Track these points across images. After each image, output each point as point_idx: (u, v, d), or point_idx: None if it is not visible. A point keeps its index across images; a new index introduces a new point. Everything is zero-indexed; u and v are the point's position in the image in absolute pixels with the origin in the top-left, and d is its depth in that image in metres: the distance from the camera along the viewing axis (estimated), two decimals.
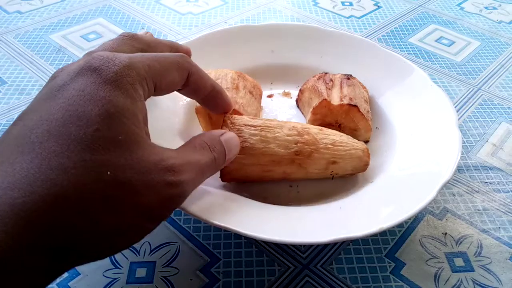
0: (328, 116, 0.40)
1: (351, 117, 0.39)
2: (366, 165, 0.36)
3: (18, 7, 0.64)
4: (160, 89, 0.25)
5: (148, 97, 0.25)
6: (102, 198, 0.20)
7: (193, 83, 0.28)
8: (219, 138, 0.28)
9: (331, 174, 0.35)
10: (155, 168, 0.22)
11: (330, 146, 0.34)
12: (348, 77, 0.42)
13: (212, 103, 0.31)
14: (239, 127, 0.33)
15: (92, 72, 0.22)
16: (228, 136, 0.29)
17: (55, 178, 0.19)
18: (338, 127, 0.40)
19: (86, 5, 0.65)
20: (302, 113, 0.44)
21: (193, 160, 0.25)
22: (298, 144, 0.33)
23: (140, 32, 0.30)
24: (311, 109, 0.41)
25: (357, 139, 0.37)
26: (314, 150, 0.34)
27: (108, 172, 0.20)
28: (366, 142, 0.40)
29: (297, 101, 0.44)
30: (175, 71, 0.26)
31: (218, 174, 0.34)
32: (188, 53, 0.31)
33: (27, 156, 0.19)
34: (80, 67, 0.22)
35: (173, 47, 0.30)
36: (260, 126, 0.33)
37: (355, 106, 0.38)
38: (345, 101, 0.39)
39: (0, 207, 0.18)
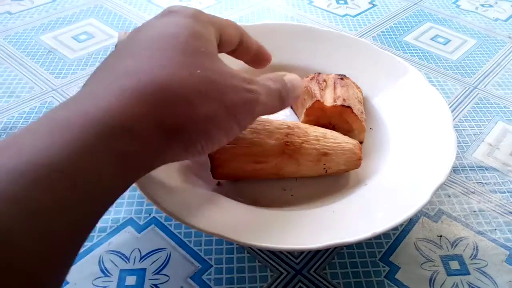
0: (322, 118, 0.39)
1: (345, 118, 0.38)
2: (359, 159, 0.35)
3: (8, 7, 0.63)
4: (221, 43, 0.29)
5: None
6: (195, 91, 0.23)
7: (245, 43, 0.32)
8: (282, 77, 0.30)
9: (324, 169, 0.35)
10: (234, 75, 0.25)
11: (320, 138, 0.35)
12: (342, 77, 0.41)
13: (258, 60, 0.35)
14: None
15: (173, 12, 0.27)
16: (291, 76, 0.31)
17: (157, 72, 0.23)
18: (332, 128, 0.39)
19: (77, 5, 0.64)
20: (296, 114, 0.43)
21: (261, 81, 0.28)
22: (289, 136, 0.34)
23: None
24: (304, 110, 0.40)
25: None
26: (305, 141, 0.34)
27: (198, 71, 0.24)
28: (361, 143, 0.39)
29: None
30: (233, 29, 0.30)
31: (210, 174, 0.34)
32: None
33: (130, 60, 0.23)
34: (161, 13, 0.27)
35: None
36: None
37: (348, 107, 0.38)
38: (338, 102, 0.38)
39: (121, 88, 0.21)
